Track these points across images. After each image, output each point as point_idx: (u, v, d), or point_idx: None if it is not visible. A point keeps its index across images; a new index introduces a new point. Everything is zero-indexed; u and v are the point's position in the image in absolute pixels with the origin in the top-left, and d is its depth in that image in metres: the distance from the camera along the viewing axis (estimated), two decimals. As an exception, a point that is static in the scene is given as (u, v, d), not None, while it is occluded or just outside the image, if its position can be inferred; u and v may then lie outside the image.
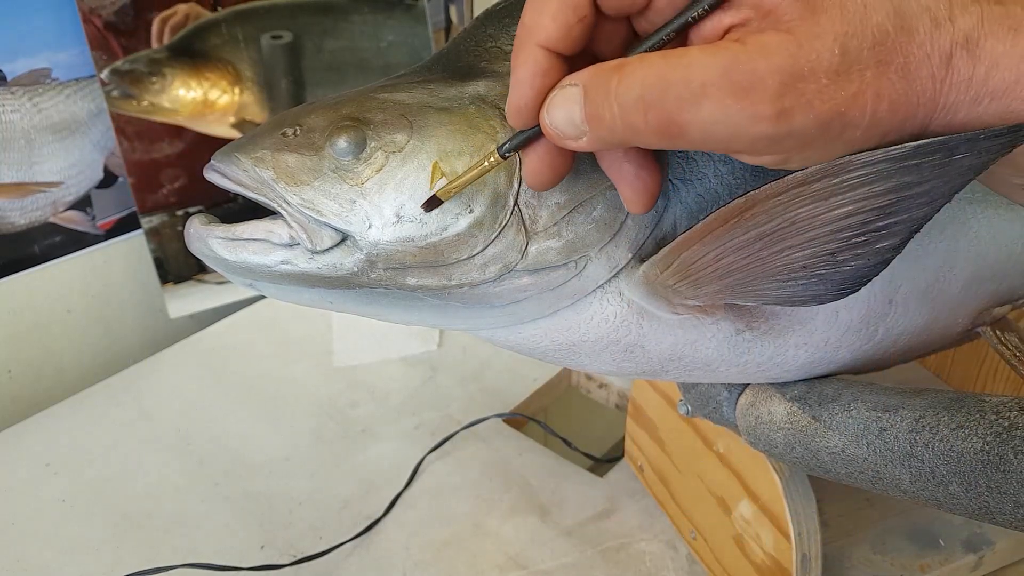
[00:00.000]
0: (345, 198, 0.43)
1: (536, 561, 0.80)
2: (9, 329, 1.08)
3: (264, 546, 0.83)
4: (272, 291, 0.46)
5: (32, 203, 1.05)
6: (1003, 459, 0.40)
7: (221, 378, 1.08)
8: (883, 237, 0.39)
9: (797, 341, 0.52)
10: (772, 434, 0.55)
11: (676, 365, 0.52)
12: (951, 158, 0.35)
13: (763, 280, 0.43)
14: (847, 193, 0.37)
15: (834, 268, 0.41)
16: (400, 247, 0.43)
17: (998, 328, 0.60)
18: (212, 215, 0.45)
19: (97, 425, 1.00)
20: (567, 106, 0.36)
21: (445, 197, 0.42)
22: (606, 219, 0.44)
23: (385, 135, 0.43)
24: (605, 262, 0.45)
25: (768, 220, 0.39)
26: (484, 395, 1.03)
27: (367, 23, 1.22)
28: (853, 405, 0.50)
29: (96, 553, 0.82)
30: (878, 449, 0.47)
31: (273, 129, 0.45)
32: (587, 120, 0.36)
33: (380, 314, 0.48)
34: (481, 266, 0.44)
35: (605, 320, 0.48)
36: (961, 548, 0.75)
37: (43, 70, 1.02)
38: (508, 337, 0.50)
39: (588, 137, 0.36)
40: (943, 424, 0.44)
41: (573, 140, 0.37)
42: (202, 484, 0.91)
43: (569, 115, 0.36)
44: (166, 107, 1.09)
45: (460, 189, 0.42)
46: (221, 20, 1.12)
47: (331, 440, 0.96)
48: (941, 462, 0.43)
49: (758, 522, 0.66)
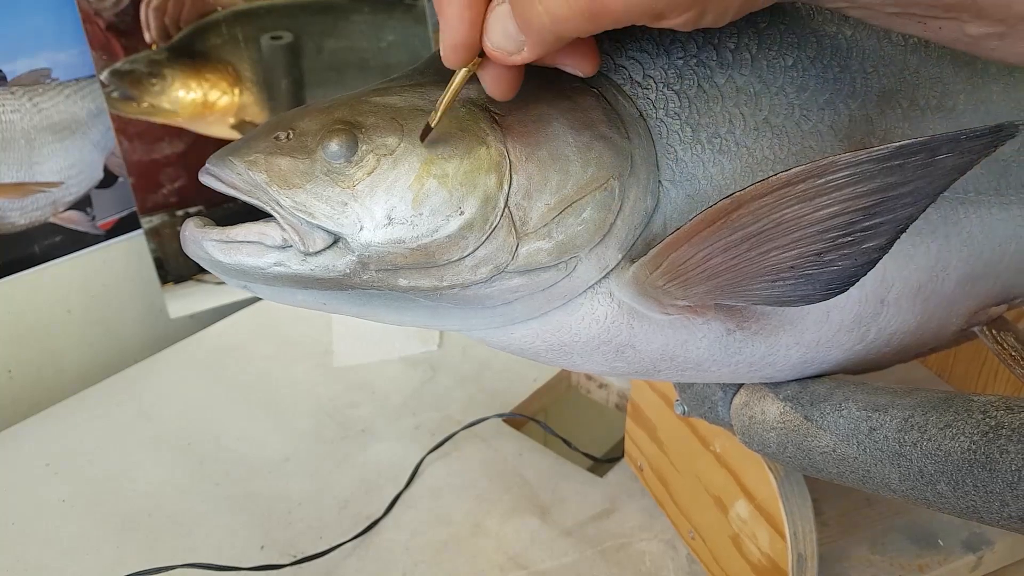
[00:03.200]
0: (337, 201, 0.43)
1: (536, 561, 0.80)
2: (9, 329, 1.09)
3: (264, 546, 0.83)
4: (266, 293, 0.46)
5: (32, 203, 1.05)
6: (989, 458, 0.40)
7: (221, 378, 1.08)
8: (869, 237, 0.39)
9: (788, 341, 0.52)
10: (765, 434, 0.56)
11: (668, 365, 0.52)
12: (934, 158, 0.35)
13: (751, 280, 0.43)
14: (832, 194, 0.37)
15: (821, 268, 0.41)
16: (391, 249, 0.43)
17: (994, 328, 0.60)
18: (207, 218, 0.46)
19: (97, 425, 1.00)
20: (500, 24, 0.38)
21: (433, 123, 0.42)
22: (596, 220, 0.44)
23: (376, 138, 0.43)
24: (595, 263, 0.46)
25: (754, 221, 0.40)
26: (484, 395, 1.03)
27: (367, 23, 1.22)
28: (844, 405, 0.50)
29: (96, 553, 0.83)
30: (868, 448, 0.47)
31: (267, 133, 0.45)
32: (521, 30, 0.38)
33: (373, 315, 0.48)
34: (472, 267, 0.44)
35: (596, 321, 0.48)
36: (960, 548, 0.75)
37: (43, 70, 1.03)
38: (500, 338, 0.50)
39: (527, 45, 0.38)
40: (931, 423, 0.44)
41: (517, 54, 0.39)
42: (202, 484, 0.91)
43: (504, 30, 0.38)
44: (166, 108, 1.10)
45: (445, 108, 0.42)
46: (221, 20, 1.12)
47: (331, 440, 0.97)
48: (929, 461, 0.43)
49: (754, 521, 0.66)
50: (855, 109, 0.50)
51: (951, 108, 0.52)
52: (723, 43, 0.47)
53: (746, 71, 0.48)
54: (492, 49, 0.39)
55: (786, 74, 0.48)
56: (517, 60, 0.39)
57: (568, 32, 0.37)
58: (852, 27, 0.50)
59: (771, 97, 0.48)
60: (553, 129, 0.44)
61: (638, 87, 0.47)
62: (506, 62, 0.39)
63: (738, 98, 0.47)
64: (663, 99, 0.47)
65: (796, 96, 0.48)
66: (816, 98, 0.49)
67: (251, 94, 1.15)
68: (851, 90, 0.49)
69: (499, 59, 0.39)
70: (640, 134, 0.46)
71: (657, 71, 0.47)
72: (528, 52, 0.39)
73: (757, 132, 0.48)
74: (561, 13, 0.36)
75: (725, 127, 0.47)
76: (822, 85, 0.49)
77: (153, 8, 1.07)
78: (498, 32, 0.38)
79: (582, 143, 0.44)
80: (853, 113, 0.50)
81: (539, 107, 0.44)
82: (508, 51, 0.39)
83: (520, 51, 0.39)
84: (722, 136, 0.47)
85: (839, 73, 0.49)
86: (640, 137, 0.46)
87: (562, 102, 0.45)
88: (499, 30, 0.38)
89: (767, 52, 0.48)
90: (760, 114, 0.48)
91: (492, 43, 0.39)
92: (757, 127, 0.48)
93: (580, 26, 0.37)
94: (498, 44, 0.39)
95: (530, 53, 0.39)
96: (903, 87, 0.51)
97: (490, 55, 0.39)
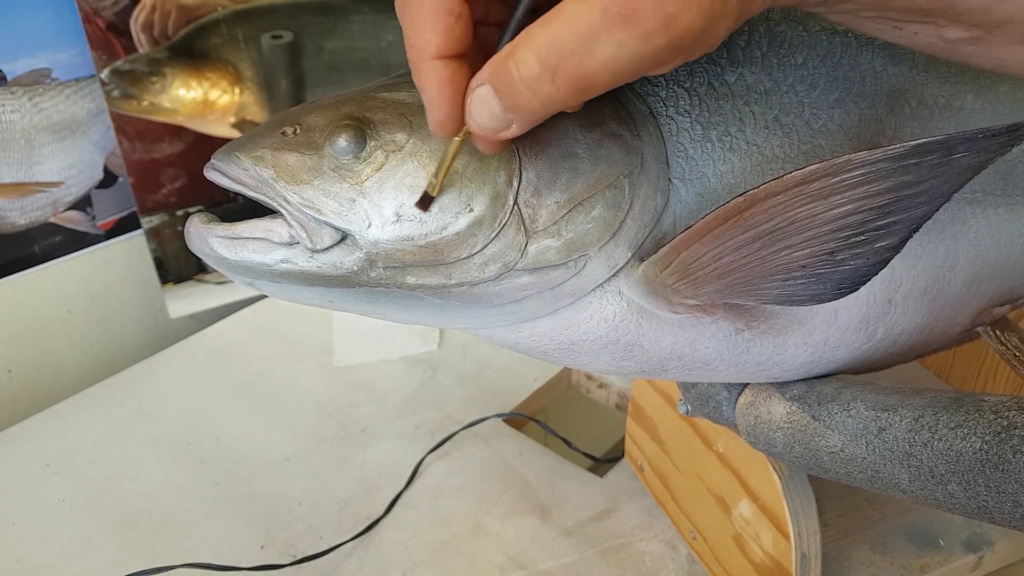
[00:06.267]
0: (345, 197, 0.43)
1: (536, 561, 0.80)
2: (9, 329, 1.08)
3: (264, 546, 0.83)
4: (272, 290, 0.46)
5: (32, 203, 1.05)
6: (1002, 458, 0.40)
7: (221, 378, 1.08)
8: (882, 236, 0.39)
9: (796, 341, 0.52)
10: (771, 434, 0.55)
11: (676, 364, 0.52)
12: (950, 157, 0.35)
13: (762, 279, 0.43)
14: (846, 192, 0.37)
15: (833, 267, 0.41)
16: (400, 246, 0.43)
17: (998, 328, 0.60)
18: (212, 214, 0.45)
19: (97, 425, 1.00)
20: (484, 107, 0.38)
21: (433, 192, 0.42)
22: (605, 218, 0.44)
23: (385, 134, 0.43)
24: (604, 261, 0.46)
25: (767, 219, 0.40)
26: (484, 395, 1.02)
27: (367, 23, 1.22)
28: (852, 405, 0.50)
29: (96, 553, 0.82)
30: (877, 448, 0.47)
31: (273, 128, 0.45)
32: (507, 110, 0.37)
33: (380, 313, 0.48)
34: (481, 265, 0.44)
35: (604, 319, 0.48)
36: (961, 548, 0.75)
37: (43, 70, 1.02)
38: (508, 336, 0.50)
39: (515, 123, 0.38)
40: (942, 424, 0.44)
41: (506, 130, 0.38)
42: (202, 484, 0.91)
43: (491, 112, 0.38)
44: (166, 107, 1.09)
45: (444, 177, 0.42)
46: (221, 20, 1.12)
47: (331, 440, 0.96)
48: (940, 462, 0.43)
49: (757, 522, 0.66)
50: (865, 108, 0.50)
51: (959, 108, 0.52)
52: (733, 41, 0.47)
53: (756, 69, 0.48)
54: (479, 130, 0.39)
55: (796, 72, 0.48)
56: (506, 135, 0.39)
57: (557, 108, 0.37)
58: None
59: (781, 95, 0.48)
60: (563, 126, 0.44)
61: (648, 84, 0.47)
62: (496, 138, 0.39)
63: (748, 96, 0.47)
64: (673, 96, 0.47)
65: (806, 94, 0.48)
66: (826, 96, 0.49)
67: (251, 93, 1.15)
68: (861, 89, 0.49)
69: (488, 137, 0.39)
70: (650, 132, 0.46)
71: None
72: (517, 128, 0.38)
73: (767, 130, 0.47)
74: (548, 95, 0.36)
75: (735, 125, 0.47)
76: (832, 84, 0.49)
77: (140, 24, 1.07)
78: (483, 115, 0.38)
79: (592, 141, 0.44)
80: (863, 112, 0.49)
81: None
82: (496, 130, 0.38)
83: (508, 127, 0.38)
84: (732, 134, 0.47)
85: (849, 72, 0.49)
86: (650, 135, 0.46)
87: None
88: (484, 113, 0.38)
89: (777, 50, 0.48)
90: (770, 112, 0.48)
91: (478, 125, 0.39)
92: (767, 125, 0.47)
93: (569, 101, 0.36)
94: (484, 125, 0.38)
95: (519, 129, 0.38)
96: (912, 86, 0.51)
97: (476, 135, 0.39)
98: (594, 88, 0.36)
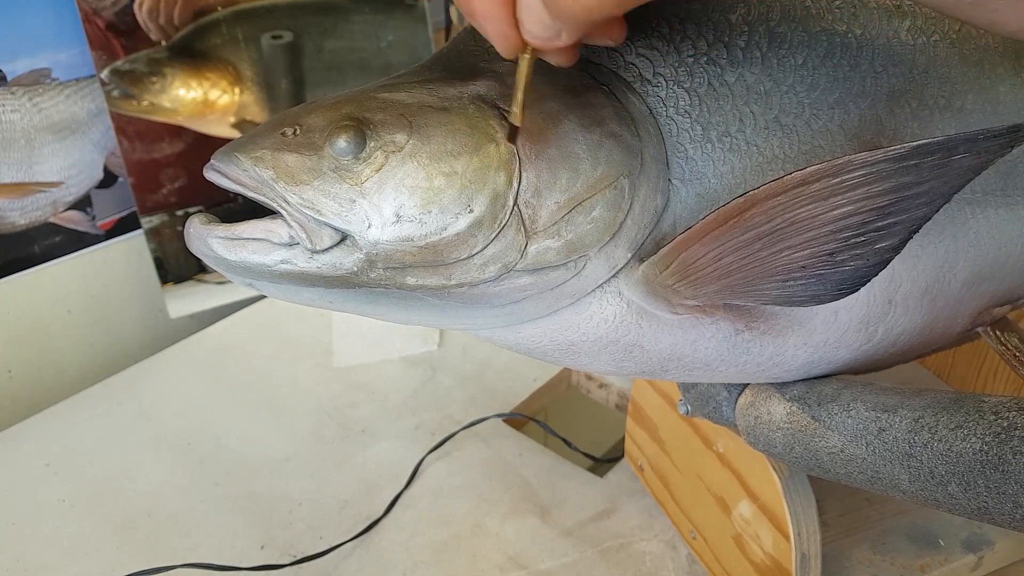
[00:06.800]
0: (345, 198, 0.42)
1: (536, 561, 0.79)
2: (9, 329, 1.08)
3: (264, 546, 0.83)
4: (272, 290, 0.46)
5: (32, 203, 1.05)
6: (1002, 459, 0.40)
7: (221, 378, 1.08)
8: (882, 237, 0.39)
9: (796, 341, 0.52)
10: (771, 434, 0.55)
11: (676, 365, 0.52)
12: (950, 158, 0.35)
13: (762, 280, 0.43)
14: (846, 193, 0.37)
15: (833, 268, 0.41)
16: (399, 247, 0.43)
17: (998, 328, 0.60)
18: (212, 215, 0.45)
19: (97, 425, 1.00)
20: (533, 15, 0.38)
21: (516, 121, 0.42)
22: (605, 219, 0.44)
23: (385, 135, 0.43)
24: (604, 262, 0.45)
25: (767, 220, 0.40)
26: (484, 395, 1.02)
27: (367, 23, 1.22)
28: (852, 405, 0.50)
29: (96, 553, 0.82)
30: (877, 449, 0.47)
31: (273, 129, 0.44)
32: (555, 17, 0.38)
33: (380, 314, 0.47)
34: (480, 266, 0.43)
35: (604, 320, 0.48)
36: (961, 548, 0.75)
37: (43, 70, 1.02)
38: (508, 337, 0.50)
39: (564, 31, 0.38)
40: (942, 424, 0.44)
41: (557, 39, 0.39)
42: (202, 484, 0.91)
43: (540, 20, 0.38)
44: (166, 107, 1.09)
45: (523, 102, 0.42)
46: (221, 20, 1.12)
47: (331, 440, 0.96)
48: (940, 462, 0.43)
49: (757, 522, 0.66)
50: (865, 108, 0.49)
51: (959, 108, 0.52)
52: (733, 41, 0.47)
53: (756, 69, 0.47)
54: (532, 39, 0.39)
55: (796, 73, 0.48)
56: (559, 44, 0.39)
57: (602, 15, 0.37)
58: (862, 26, 0.50)
59: (781, 96, 0.48)
60: (563, 127, 0.44)
61: (648, 85, 0.47)
62: (549, 48, 0.40)
63: (748, 96, 0.47)
64: (673, 97, 0.47)
65: (806, 95, 0.48)
66: (826, 97, 0.49)
67: (251, 93, 1.15)
68: (861, 89, 0.49)
69: (542, 47, 0.40)
70: (650, 132, 0.46)
71: (667, 69, 0.47)
72: (567, 37, 0.39)
73: (767, 131, 0.47)
74: (591, 2, 0.36)
75: (735, 125, 0.47)
76: (832, 84, 0.49)
77: (146, 11, 1.07)
78: (534, 23, 0.38)
79: (592, 141, 0.44)
80: (863, 112, 0.49)
81: (549, 104, 0.44)
82: (548, 38, 0.39)
83: (559, 36, 0.39)
84: (732, 134, 0.47)
85: (849, 72, 0.49)
86: (650, 135, 0.46)
87: (572, 99, 0.45)
88: (534, 21, 0.38)
89: (777, 50, 0.48)
90: (770, 113, 0.48)
91: (531, 34, 0.39)
92: (767, 126, 0.47)
93: (611, 8, 0.37)
94: (537, 34, 0.39)
95: (569, 38, 0.39)
96: (912, 87, 0.51)
97: (532, 44, 0.40)
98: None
